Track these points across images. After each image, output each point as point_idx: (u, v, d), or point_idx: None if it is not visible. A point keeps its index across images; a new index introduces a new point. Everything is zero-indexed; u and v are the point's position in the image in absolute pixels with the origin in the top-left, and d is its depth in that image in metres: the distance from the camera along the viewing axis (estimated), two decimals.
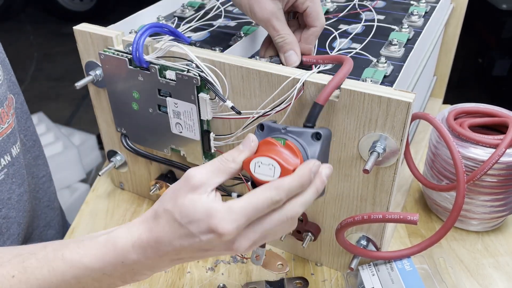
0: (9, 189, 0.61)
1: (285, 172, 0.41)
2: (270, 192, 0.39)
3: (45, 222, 0.75)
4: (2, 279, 0.40)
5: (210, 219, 0.38)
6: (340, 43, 0.64)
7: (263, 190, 0.39)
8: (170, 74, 0.54)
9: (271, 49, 0.57)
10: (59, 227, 0.79)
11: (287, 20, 0.57)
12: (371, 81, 0.54)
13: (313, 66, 0.55)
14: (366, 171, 0.46)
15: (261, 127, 0.46)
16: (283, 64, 0.55)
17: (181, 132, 0.59)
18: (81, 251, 0.41)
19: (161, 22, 0.71)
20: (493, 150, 0.57)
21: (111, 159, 0.72)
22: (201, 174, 0.40)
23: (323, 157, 0.46)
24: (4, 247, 0.44)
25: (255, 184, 0.43)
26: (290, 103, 0.48)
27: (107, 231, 0.43)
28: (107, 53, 0.58)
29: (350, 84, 0.47)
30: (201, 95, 0.53)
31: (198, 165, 0.43)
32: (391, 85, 0.52)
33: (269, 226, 0.40)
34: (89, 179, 1.82)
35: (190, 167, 0.64)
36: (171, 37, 0.57)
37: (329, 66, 0.55)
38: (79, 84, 0.61)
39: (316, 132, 0.44)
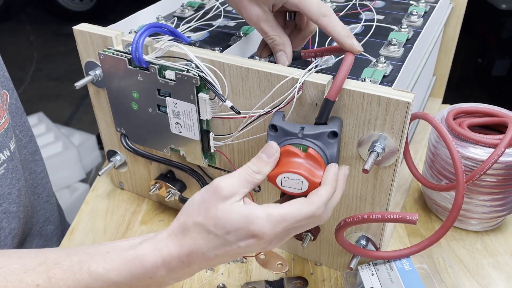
0: (9, 184, 0.61)
1: (312, 185, 0.43)
2: (311, 206, 0.41)
3: (45, 217, 0.75)
4: (26, 287, 0.40)
5: (250, 225, 0.40)
6: None
7: (304, 204, 0.41)
8: (169, 74, 0.54)
9: (268, 48, 0.57)
10: (58, 223, 0.79)
11: (285, 20, 0.58)
12: (370, 81, 0.54)
13: (313, 59, 0.55)
14: (365, 171, 0.46)
15: (274, 127, 0.46)
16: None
17: (180, 132, 0.59)
18: (107, 266, 0.41)
19: (160, 22, 0.71)
20: (493, 150, 0.57)
21: (111, 159, 0.72)
22: (231, 185, 0.41)
23: (339, 152, 0.48)
24: (25, 251, 0.44)
25: (283, 192, 0.45)
26: (289, 103, 0.48)
27: (131, 244, 0.43)
28: (106, 53, 0.58)
29: (349, 84, 0.47)
30: (201, 95, 0.53)
31: (197, 163, 0.43)
32: (391, 85, 0.52)
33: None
34: (89, 179, 1.82)
35: (190, 167, 0.64)
36: (171, 37, 0.57)
37: (331, 63, 0.54)
38: (78, 84, 0.61)
39: (333, 131, 0.45)
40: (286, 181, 0.44)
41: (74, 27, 0.61)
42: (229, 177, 0.42)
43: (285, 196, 0.47)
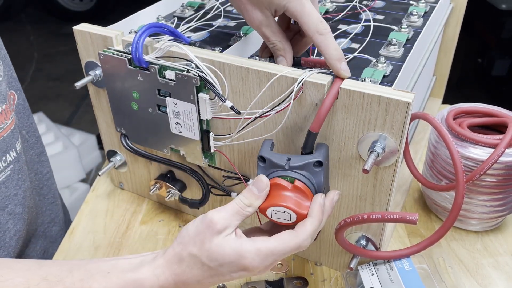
0: (15, 185, 0.61)
1: (300, 217, 0.46)
2: (297, 240, 0.44)
3: (50, 218, 0.75)
4: None
5: (241, 259, 0.43)
6: (340, 43, 0.65)
7: (291, 238, 0.44)
8: (169, 74, 0.54)
9: (269, 50, 0.57)
10: (63, 224, 0.79)
11: (290, 24, 0.58)
12: (370, 81, 0.54)
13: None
14: (365, 171, 0.46)
15: (263, 159, 0.49)
16: None
17: (180, 132, 0.59)
18: (108, 286, 0.44)
19: (160, 22, 0.71)
20: (492, 150, 0.58)
21: (111, 159, 0.72)
22: (224, 219, 0.44)
23: (327, 177, 0.50)
24: (28, 264, 0.45)
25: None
26: (289, 103, 0.49)
27: (131, 264, 0.45)
28: (106, 53, 0.58)
29: (349, 84, 0.47)
30: (201, 95, 0.53)
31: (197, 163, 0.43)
32: (391, 85, 0.52)
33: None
34: (89, 179, 1.82)
35: (190, 167, 0.64)
36: (171, 37, 0.57)
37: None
38: (78, 84, 0.61)
39: (318, 161, 0.47)
40: (275, 213, 0.46)
41: (74, 27, 0.61)
42: (222, 211, 0.44)
43: (272, 225, 0.50)
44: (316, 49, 0.62)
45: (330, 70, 0.50)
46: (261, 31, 0.54)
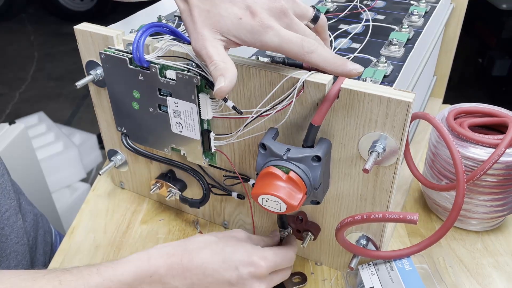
0: None
1: (290, 208, 0.47)
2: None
3: (16, 261, 0.68)
4: None
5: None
6: (340, 43, 0.65)
7: (292, 252, 0.56)
8: (170, 74, 0.54)
9: None
10: (29, 265, 0.71)
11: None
12: (371, 80, 0.54)
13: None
14: (366, 171, 0.46)
15: (264, 147, 0.49)
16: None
17: (181, 132, 0.59)
18: (115, 267, 0.46)
19: (161, 21, 0.71)
20: (493, 150, 0.58)
21: (112, 159, 0.72)
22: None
23: (325, 174, 0.50)
24: (33, 270, 0.46)
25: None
26: (290, 103, 0.49)
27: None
28: (107, 52, 0.58)
29: (350, 84, 0.47)
30: (202, 94, 0.53)
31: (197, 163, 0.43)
32: (391, 85, 0.52)
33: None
34: (89, 178, 1.82)
35: (190, 167, 0.64)
36: (172, 37, 0.57)
37: None
38: (79, 83, 0.61)
39: (316, 156, 0.47)
40: (266, 201, 0.47)
41: (75, 27, 0.61)
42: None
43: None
44: None
45: None
46: (205, 51, 0.45)
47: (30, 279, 0.42)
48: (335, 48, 0.63)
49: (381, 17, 0.72)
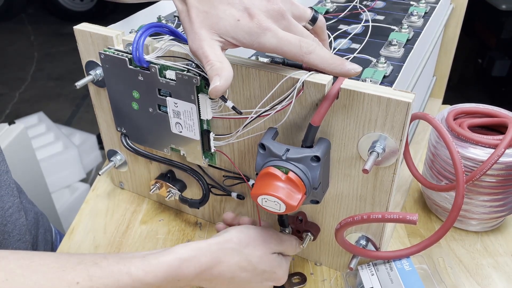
0: None
1: (289, 208, 0.47)
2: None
3: None
4: (66, 285, 0.41)
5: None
6: (340, 43, 0.65)
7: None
8: (170, 74, 0.54)
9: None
10: None
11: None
12: (370, 81, 0.54)
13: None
14: (365, 171, 0.46)
15: (263, 147, 0.49)
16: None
17: (181, 132, 0.59)
18: (146, 269, 0.45)
19: (161, 22, 0.71)
20: (493, 150, 0.58)
21: (111, 159, 0.72)
22: None
23: (324, 174, 0.50)
24: (55, 253, 0.45)
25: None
26: (290, 103, 0.49)
27: (165, 251, 0.48)
28: (107, 52, 0.58)
29: (349, 84, 0.47)
30: (201, 95, 0.53)
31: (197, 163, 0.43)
32: (391, 85, 0.52)
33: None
34: (89, 178, 1.82)
35: (190, 167, 0.64)
36: (171, 37, 0.57)
37: None
38: (79, 83, 0.61)
39: (315, 156, 0.47)
40: (266, 201, 0.47)
41: (74, 27, 0.62)
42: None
43: None
44: None
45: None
46: (202, 51, 0.45)
47: (58, 269, 0.41)
48: (334, 49, 0.63)
49: (381, 17, 0.72)
